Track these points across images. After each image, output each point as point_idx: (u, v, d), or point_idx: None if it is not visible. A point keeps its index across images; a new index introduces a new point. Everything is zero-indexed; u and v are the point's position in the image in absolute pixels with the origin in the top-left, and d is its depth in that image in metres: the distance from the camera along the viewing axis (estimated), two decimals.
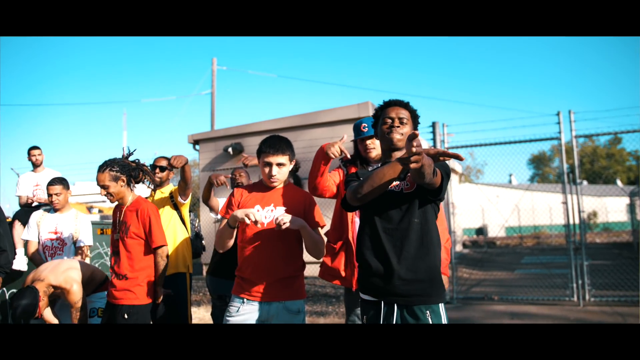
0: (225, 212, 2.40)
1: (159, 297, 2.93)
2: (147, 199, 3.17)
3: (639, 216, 15.61)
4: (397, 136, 1.99)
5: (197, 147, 11.93)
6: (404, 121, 2.01)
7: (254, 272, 2.31)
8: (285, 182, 2.47)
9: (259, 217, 2.17)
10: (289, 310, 2.31)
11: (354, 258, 2.48)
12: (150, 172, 3.16)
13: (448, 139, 7.16)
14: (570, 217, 6.67)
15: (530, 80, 75.09)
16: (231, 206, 2.41)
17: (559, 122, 6.65)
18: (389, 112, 2.02)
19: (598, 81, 73.18)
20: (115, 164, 2.89)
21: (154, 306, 2.92)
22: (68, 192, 3.93)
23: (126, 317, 2.79)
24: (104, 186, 2.88)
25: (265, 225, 2.32)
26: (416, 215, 1.93)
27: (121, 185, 2.92)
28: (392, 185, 1.95)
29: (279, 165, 2.34)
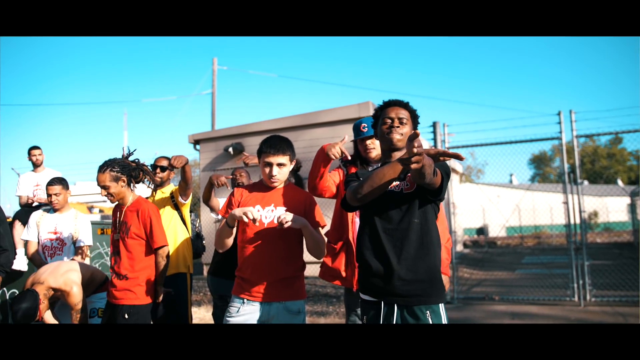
0: (225, 212, 2.40)
1: (159, 296, 2.93)
2: (147, 199, 3.16)
3: (639, 216, 15.58)
4: (397, 136, 1.99)
5: (198, 147, 11.94)
6: (404, 121, 2.01)
7: (254, 273, 2.30)
8: (286, 181, 2.47)
9: (256, 215, 2.16)
10: (289, 311, 2.30)
11: (354, 258, 2.48)
12: (150, 172, 3.16)
13: (449, 138, 7.16)
14: (571, 217, 6.67)
15: (531, 80, 75.13)
16: (231, 206, 2.40)
17: (560, 122, 6.64)
18: (388, 112, 2.02)
19: (599, 81, 73.19)
20: (115, 164, 2.88)
21: (155, 306, 2.92)
22: (67, 192, 3.93)
23: (126, 317, 2.79)
24: (104, 187, 2.87)
25: (266, 225, 2.32)
26: (416, 216, 1.92)
27: (122, 186, 2.92)
28: (392, 186, 1.95)
29: (280, 165, 2.34)
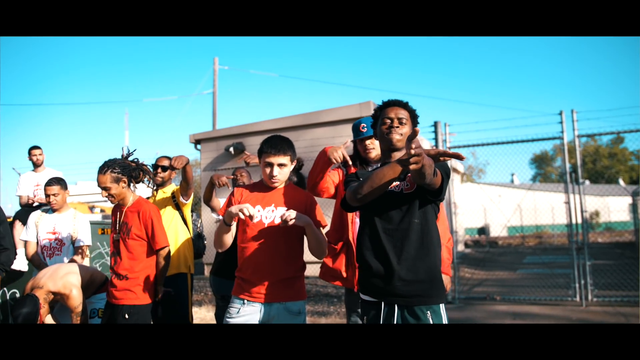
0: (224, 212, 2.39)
1: (159, 295, 2.93)
2: (147, 200, 3.16)
3: None
4: (397, 136, 1.98)
5: (199, 146, 11.93)
6: (403, 121, 2.01)
7: (254, 273, 2.29)
8: (287, 181, 2.46)
9: (252, 211, 2.15)
10: (289, 311, 2.29)
11: (355, 259, 2.47)
12: (150, 172, 3.16)
13: (450, 138, 7.15)
14: (573, 216, 6.65)
15: (532, 80, 75.09)
16: (230, 206, 2.39)
17: (562, 122, 6.63)
18: (388, 113, 2.02)
19: (600, 81, 73.12)
20: (116, 165, 2.87)
21: (155, 306, 2.92)
22: (66, 192, 3.92)
23: (127, 317, 2.79)
24: (105, 188, 2.85)
25: (266, 225, 2.31)
26: (416, 216, 1.92)
27: (122, 187, 2.91)
28: (392, 186, 1.94)
29: (280, 165, 2.32)
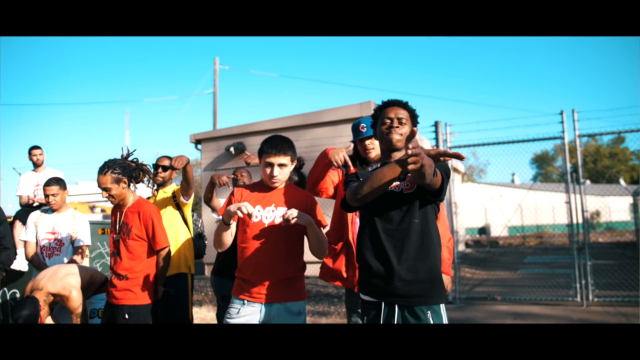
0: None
1: (159, 295, 2.93)
2: (147, 200, 3.16)
3: None
4: (397, 137, 1.98)
5: (199, 146, 11.94)
6: (403, 121, 2.00)
7: (254, 273, 2.28)
8: (288, 181, 2.45)
9: (250, 209, 2.14)
10: (289, 312, 2.28)
11: (355, 259, 2.46)
12: (150, 171, 3.15)
13: (451, 138, 7.15)
14: (574, 216, 6.64)
15: (533, 80, 74.99)
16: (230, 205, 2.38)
17: (563, 122, 6.63)
18: (387, 113, 2.01)
19: (601, 81, 73.01)
20: (116, 165, 2.87)
21: (155, 306, 2.92)
22: (65, 192, 3.92)
23: (127, 317, 2.78)
24: (105, 189, 2.85)
25: (266, 225, 2.30)
26: (416, 216, 1.91)
27: (123, 187, 2.91)
28: (392, 186, 1.94)
29: (281, 166, 2.31)
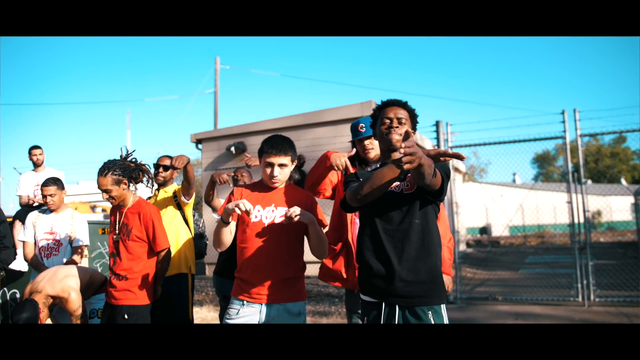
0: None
1: (158, 295, 2.93)
2: (147, 201, 3.15)
3: None
4: (396, 137, 1.97)
5: (200, 146, 11.93)
6: (403, 121, 1.99)
7: (254, 273, 2.27)
8: (288, 180, 2.44)
9: (249, 206, 2.13)
10: (289, 312, 2.27)
11: (354, 259, 2.45)
12: (150, 171, 3.14)
13: (452, 138, 7.14)
14: (575, 216, 6.63)
15: (534, 80, 74.97)
16: None
17: (564, 121, 6.62)
18: (387, 113, 2.01)
19: (602, 80, 72.95)
20: (116, 166, 2.86)
21: (154, 306, 2.91)
22: (63, 192, 3.91)
23: (126, 317, 2.78)
24: (106, 190, 2.84)
25: (266, 225, 2.30)
26: (417, 216, 1.91)
27: (123, 188, 2.90)
28: (392, 186, 1.93)
29: (281, 166, 2.30)
